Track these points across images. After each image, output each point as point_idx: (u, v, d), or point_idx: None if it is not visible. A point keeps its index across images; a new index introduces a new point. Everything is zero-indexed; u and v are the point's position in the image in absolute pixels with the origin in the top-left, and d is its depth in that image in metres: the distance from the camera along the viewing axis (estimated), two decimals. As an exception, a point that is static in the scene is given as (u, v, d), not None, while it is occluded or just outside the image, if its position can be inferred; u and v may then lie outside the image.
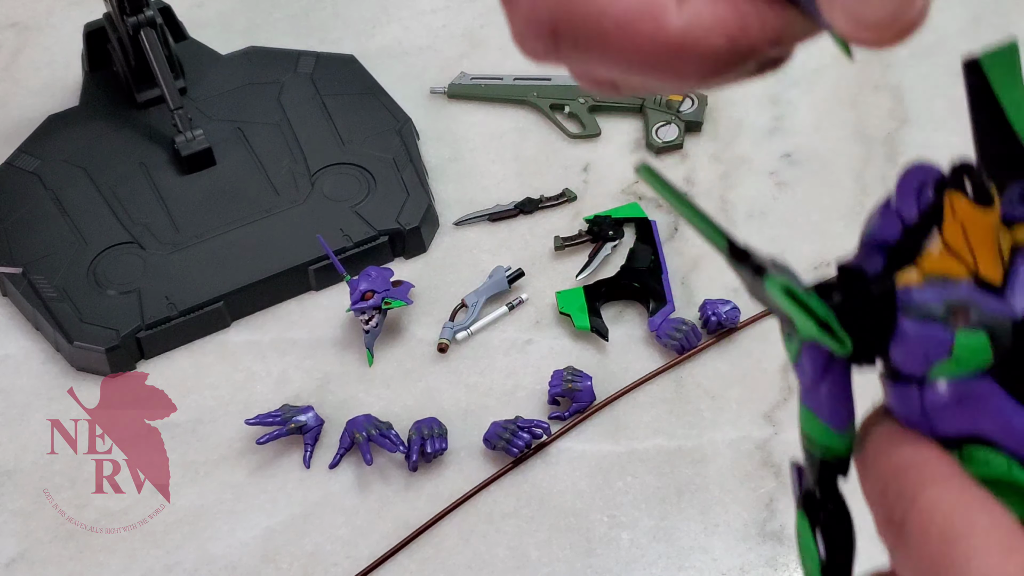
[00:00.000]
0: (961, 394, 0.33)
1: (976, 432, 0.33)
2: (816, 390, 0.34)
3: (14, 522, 0.69)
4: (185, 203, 0.79)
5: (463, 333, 0.74)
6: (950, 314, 0.33)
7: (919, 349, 0.33)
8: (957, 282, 0.33)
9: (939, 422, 0.33)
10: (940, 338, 0.33)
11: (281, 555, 0.67)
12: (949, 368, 0.33)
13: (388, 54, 0.89)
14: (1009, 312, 0.33)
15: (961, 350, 0.32)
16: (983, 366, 0.33)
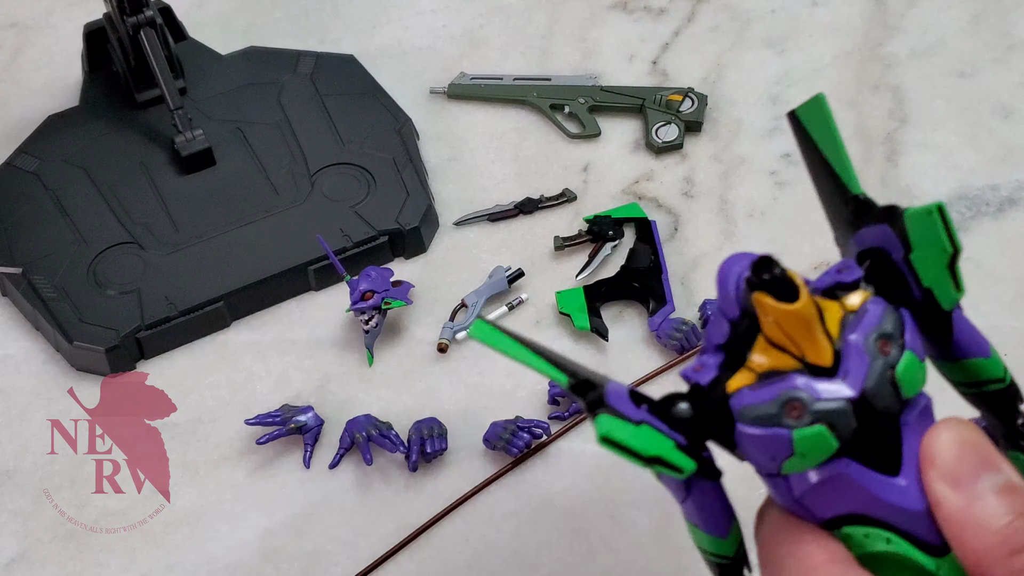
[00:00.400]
0: (823, 479, 0.33)
1: (850, 511, 0.33)
2: (686, 507, 0.34)
3: (14, 522, 0.69)
4: (185, 203, 0.79)
5: (463, 333, 0.74)
6: (783, 412, 0.32)
7: (762, 451, 0.33)
8: (787, 375, 0.33)
9: (813, 508, 0.33)
10: (779, 439, 0.32)
11: (281, 555, 0.67)
12: (798, 463, 0.32)
13: (388, 54, 0.89)
14: (844, 395, 0.33)
15: (802, 446, 0.32)
16: (827, 455, 0.33)
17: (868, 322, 0.33)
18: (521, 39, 0.90)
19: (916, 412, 0.34)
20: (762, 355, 0.33)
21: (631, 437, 0.32)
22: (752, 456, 0.33)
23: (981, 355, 0.37)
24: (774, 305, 0.33)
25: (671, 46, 0.89)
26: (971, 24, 0.88)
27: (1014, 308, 0.74)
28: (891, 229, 0.35)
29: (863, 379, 0.33)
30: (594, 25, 0.90)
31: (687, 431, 0.33)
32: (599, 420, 0.32)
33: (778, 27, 0.89)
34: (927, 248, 0.34)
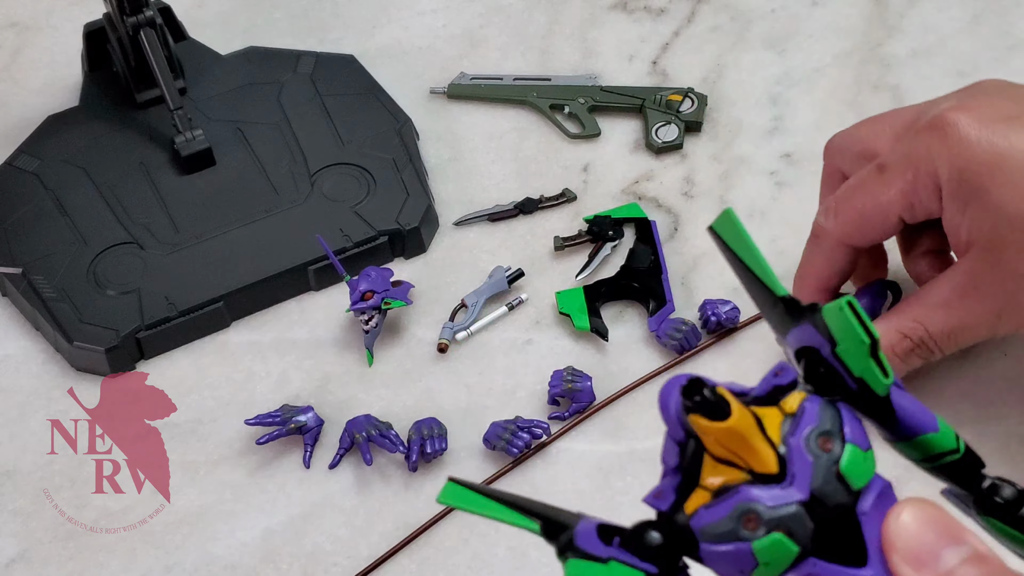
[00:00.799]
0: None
1: None
2: None
3: (14, 522, 0.69)
4: (185, 203, 0.79)
5: (463, 333, 0.74)
6: (740, 524, 0.33)
7: (728, 567, 0.34)
8: (738, 488, 0.34)
9: None
10: (741, 552, 0.33)
11: (281, 555, 0.67)
12: (765, 572, 0.33)
13: (388, 54, 0.89)
14: (794, 499, 0.33)
15: (764, 556, 0.33)
16: (791, 560, 0.33)
17: (806, 422, 0.34)
18: (521, 39, 0.90)
19: (871, 499, 0.34)
20: (712, 473, 0.35)
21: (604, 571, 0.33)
22: (721, 572, 0.34)
23: (929, 430, 0.38)
24: (708, 425, 0.35)
25: (671, 46, 0.89)
26: (971, 24, 0.88)
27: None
28: (814, 327, 0.35)
29: (809, 480, 0.34)
30: (594, 25, 0.90)
31: (659, 558, 0.34)
32: (568, 565, 0.33)
33: (778, 27, 0.89)
34: (849, 341, 0.35)
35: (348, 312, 0.73)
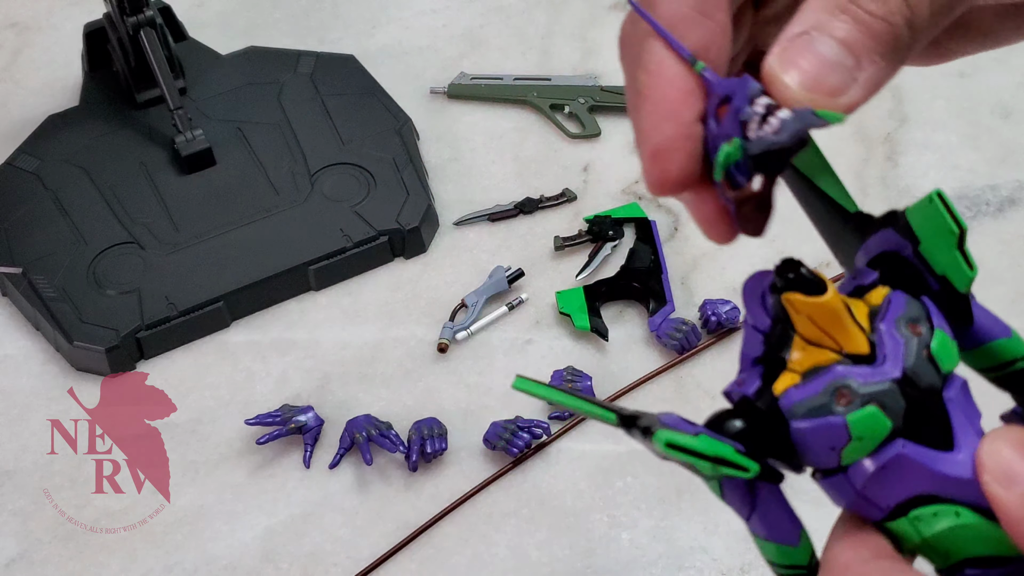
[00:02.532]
0: (882, 464, 0.33)
1: (915, 493, 0.33)
2: (753, 522, 0.35)
3: (14, 522, 0.69)
4: (185, 203, 0.79)
5: (463, 333, 0.74)
6: (834, 400, 0.33)
7: (820, 443, 0.33)
8: (829, 368, 0.34)
9: (877, 499, 0.33)
10: (834, 426, 0.33)
11: (281, 555, 0.67)
12: (856, 449, 0.33)
13: (388, 54, 0.89)
14: (889, 376, 0.33)
15: (857, 429, 0.33)
16: (884, 436, 0.33)
17: (894, 310, 0.34)
18: (521, 39, 0.90)
19: (956, 388, 0.35)
20: (801, 355, 0.34)
21: (695, 441, 0.32)
22: (811, 453, 0.34)
23: (1003, 335, 0.38)
24: (805, 300, 0.34)
25: (671, 46, 0.89)
26: (971, 24, 0.88)
27: (1014, 308, 0.74)
28: (895, 231, 0.35)
29: (902, 359, 0.34)
30: (594, 25, 0.90)
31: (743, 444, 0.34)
32: (658, 434, 0.33)
33: (778, 27, 0.89)
34: (934, 236, 0.35)
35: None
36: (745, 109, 0.34)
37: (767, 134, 0.33)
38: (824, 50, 0.35)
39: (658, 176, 0.35)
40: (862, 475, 0.33)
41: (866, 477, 0.33)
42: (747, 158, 0.34)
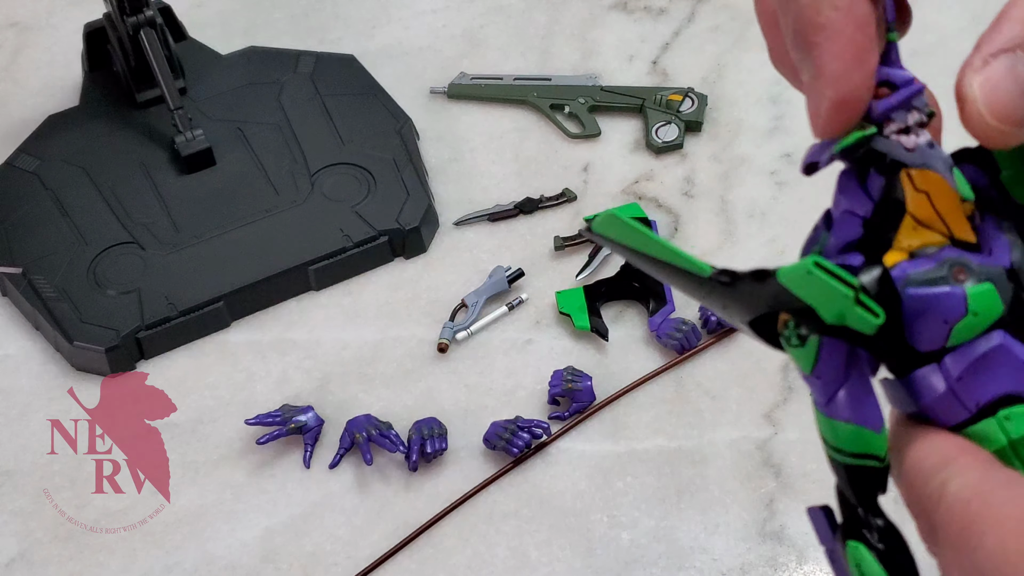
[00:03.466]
0: (983, 353, 0.32)
1: (1006, 392, 0.32)
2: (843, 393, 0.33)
3: (14, 522, 0.69)
4: (185, 203, 0.79)
5: (463, 333, 0.74)
6: (951, 274, 0.32)
7: (936, 315, 0.32)
8: (942, 247, 0.33)
9: (971, 393, 0.32)
10: (954, 296, 0.32)
11: (281, 555, 0.67)
12: (968, 327, 0.32)
13: (388, 54, 0.89)
14: (1000, 262, 0.33)
15: (976, 303, 0.32)
16: (997, 317, 0.32)
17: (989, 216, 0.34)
18: (521, 39, 0.90)
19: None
20: (910, 234, 0.33)
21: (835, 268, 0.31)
22: (922, 326, 0.32)
23: None
24: (929, 175, 0.33)
25: (671, 46, 0.89)
26: (971, 24, 0.88)
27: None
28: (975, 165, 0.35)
29: (1009, 254, 0.33)
30: (594, 25, 0.90)
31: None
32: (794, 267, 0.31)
33: (778, 27, 0.89)
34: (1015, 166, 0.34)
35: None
36: (900, 112, 0.34)
37: (899, 144, 0.33)
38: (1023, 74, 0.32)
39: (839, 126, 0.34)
40: (961, 363, 0.32)
41: (964, 365, 0.32)
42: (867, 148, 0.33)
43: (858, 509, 0.33)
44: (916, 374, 0.33)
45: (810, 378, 0.32)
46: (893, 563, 0.32)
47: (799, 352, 0.32)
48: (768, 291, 0.31)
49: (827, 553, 0.34)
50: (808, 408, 0.76)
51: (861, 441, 0.33)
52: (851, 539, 0.32)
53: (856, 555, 0.32)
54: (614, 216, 0.33)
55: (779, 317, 0.32)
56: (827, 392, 0.33)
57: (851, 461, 0.33)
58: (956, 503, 0.29)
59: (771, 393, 0.71)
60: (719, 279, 0.32)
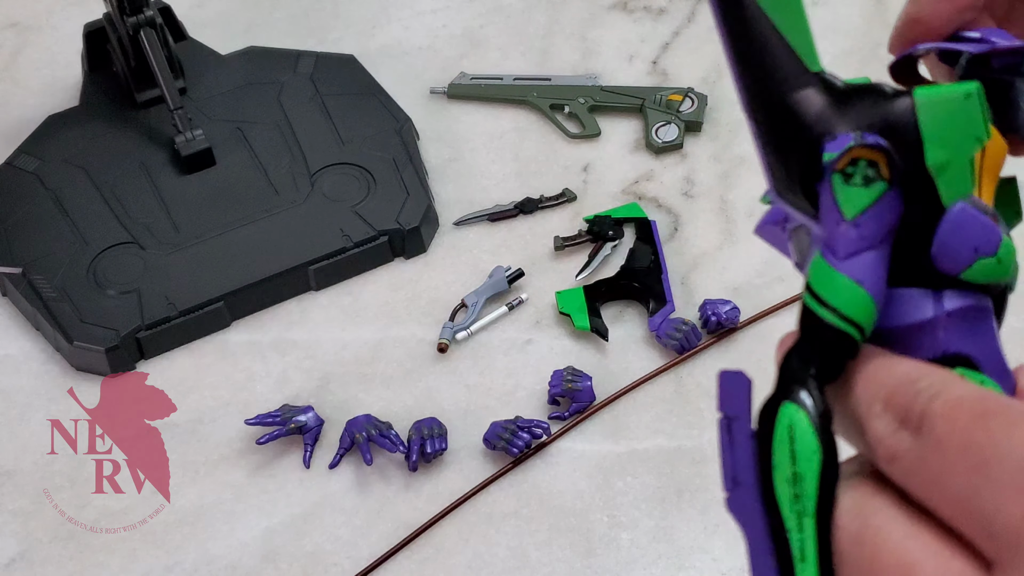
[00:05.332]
0: (974, 303, 0.32)
1: (970, 353, 0.32)
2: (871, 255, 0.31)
3: (14, 522, 0.69)
4: (185, 203, 0.79)
5: (463, 333, 0.74)
6: (992, 217, 0.32)
7: (971, 239, 0.31)
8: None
9: (950, 337, 0.31)
10: (994, 232, 0.31)
11: (281, 555, 0.67)
12: (986, 268, 0.31)
13: (388, 54, 0.89)
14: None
15: (1004, 249, 0.31)
16: (1008, 275, 0.32)
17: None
18: (521, 39, 0.90)
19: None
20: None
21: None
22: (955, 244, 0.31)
23: None
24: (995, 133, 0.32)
25: (671, 46, 0.89)
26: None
27: (1014, 307, 0.74)
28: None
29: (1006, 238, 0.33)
30: (594, 25, 0.90)
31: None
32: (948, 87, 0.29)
33: (778, 27, 0.89)
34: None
35: None
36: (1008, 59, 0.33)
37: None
38: None
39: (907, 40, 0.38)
40: (956, 301, 0.31)
41: (959, 304, 0.31)
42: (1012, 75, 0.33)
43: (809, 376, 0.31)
44: (910, 290, 0.32)
45: (846, 224, 0.30)
46: (827, 436, 0.30)
47: (855, 192, 0.30)
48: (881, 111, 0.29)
49: (722, 421, 0.32)
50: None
51: (860, 306, 0.31)
52: (789, 401, 0.31)
53: (793, 418, 0.30)
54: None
55: (852, 149, 0.30)
56: (855, 246, 0.30)
57: (837, 322, 0.31)
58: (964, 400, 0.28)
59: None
60: (828, 80, 0.30)
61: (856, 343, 0.31)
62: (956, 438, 0.27)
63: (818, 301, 0.31)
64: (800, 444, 0.30)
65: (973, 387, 0.29)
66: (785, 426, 0.31)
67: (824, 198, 0.30)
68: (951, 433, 0.28)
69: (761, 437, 0.31)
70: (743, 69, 0.31)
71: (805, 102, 0.30)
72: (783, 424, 0.31)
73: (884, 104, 0.29)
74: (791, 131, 0.31)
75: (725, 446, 0.32)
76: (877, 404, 0.30)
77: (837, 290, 0.31)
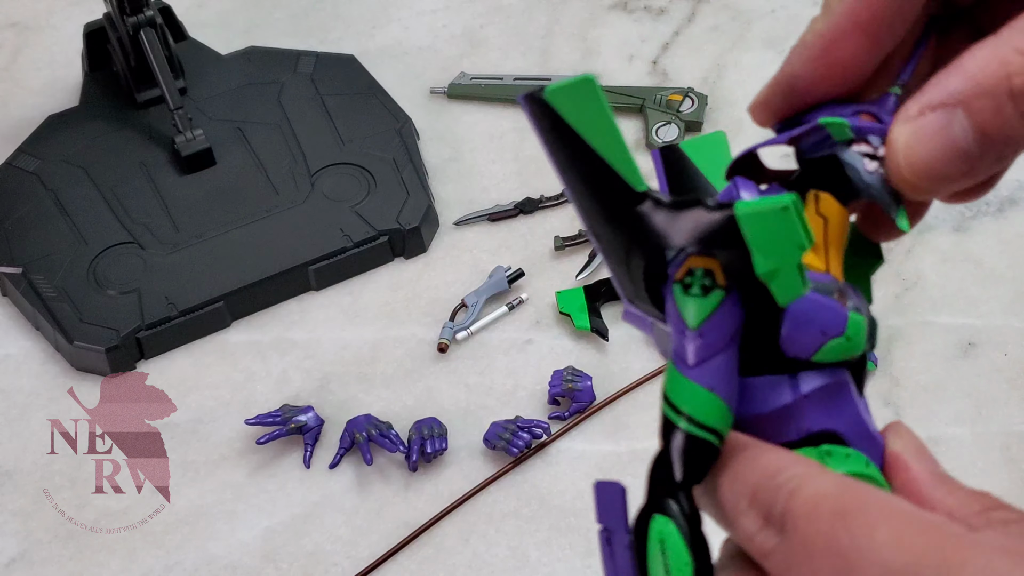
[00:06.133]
0: (831, 382, 0.32)
1: (834, 429, 0.32)
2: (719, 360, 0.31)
3: (14, 522, 0.69)
4: (185, 203, 0.79)
5: (463, 333, 0.74)
6: (837, 295, 0.32)
7: (818, 324, 0.31)
8: (827, 273, 0.32)
9: (808, 416, 0.32)
10: (839, 313, 0.31)
11: (281, 555, 0.67)
12: (836, 348, 0.31)
13: (388, 54, 0.89)
14: (863, 309, 0.33)
15: (852, 328, 0.31)
16: (859, 351, 0.32)
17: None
18: (521, 39, 0.90)
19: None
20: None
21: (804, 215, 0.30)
22: (801, 331, 0.31)
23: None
24: (835, 203, 0.33)
25: (671, 46, 0.89)
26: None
27: (1014, 307, 0.74)
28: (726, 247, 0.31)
29: (865, 309, 0.33)
30: (594, 25, 0.90)
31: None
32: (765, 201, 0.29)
33: (778, 27, 0.89)
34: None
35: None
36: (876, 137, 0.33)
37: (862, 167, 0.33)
38: (958, 135, 0.31)
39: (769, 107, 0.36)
40: (811, 383, 0.32)
41: (814, 386, 0.31)
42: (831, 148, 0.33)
43: (675, 485, 0.31)
44: (766, 378, 0.32)
45: (690, 334, 0.31)
46: (697, 542, 0.30)
47: (695, 302, 0.30)
48: (706, 225, 0.29)
49: (602, 533, 0.32)
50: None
51: (716, 414, 0.31)
52: (659, 514, 0.31)
53: (663, 531, 0.31)
54: (591, 83, 0.30)
55: (688, 259, 0.30)
56: (703, 353, 0.31)
57: (696, 431, 0.31)
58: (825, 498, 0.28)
59: (771, 393, 0.71)
60: (656, 197, 0.30)
61: (714, 447, 0.31)
62: (820, 541, 0.28)
63: (674, 410, 0.32)
64: (672, 557, 0.30)
65: (831, 479, 0.29)
66: (656, 540, 0.31)
67: (669, 307, 0.31)
68: (815, 535, 0.28)
69: (637, 551, 0.31)
70: (576, 195, 0.32)
71: (637, 220, 0.31)
72: (654, 539, 0.31)
73: (710, 217, 0.29)
74: (628, 246, 0.31)
75: (607, 558, 0.32)
76: (743, 500, 0.30)
77: (690, 398, 0.31)
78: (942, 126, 0.30)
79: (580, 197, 0.31)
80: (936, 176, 0.31)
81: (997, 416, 0.69)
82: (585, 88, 0.30)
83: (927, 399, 0.70)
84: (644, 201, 0.30)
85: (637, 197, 0.30)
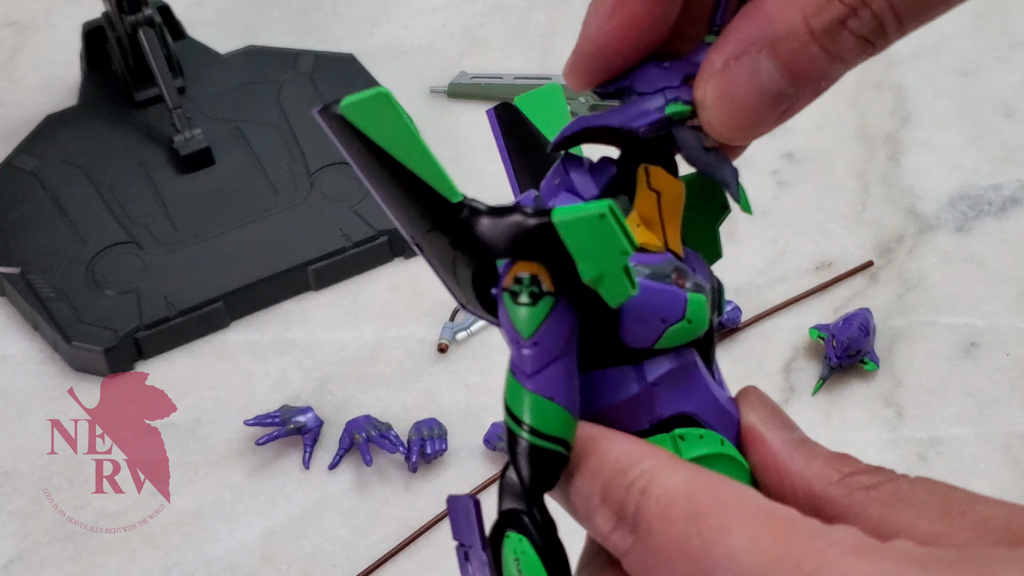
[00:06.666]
0: (678, 366, 0.31)
1: (686, 411, 0.31)
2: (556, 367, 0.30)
3: (13, 523, 0.68)
4: (184, 203, 0.79)
5: (463, 333, 0.74)
6: (673, 275, 0.31)
7: (657, 312, 0.30)
8: (663, 251, 0.31)
9: (658, 403, 0.31)
10: (677, 297, 0.31)
11: (280, 556, 0.67)
12: (679, 332, 0.31)
13: (388, 54, 0.89)
14: (705, 282, 0.32)
15: (692, 310, 0.31)
16: (702, 331, 0.31)
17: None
18: (522, 38, 0.90)
19: None
20: (634, 231, 0.31)
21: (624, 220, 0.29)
22: (638, 321, 0.30)
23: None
24: (666, 176, 0.32)
25: (672, 45, 0.89)
26: (974, 23, 0.88)
27: (1016, 307, 0.74)
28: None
29: (708, 277, 0.32)
30: (594, 24, 0.90)
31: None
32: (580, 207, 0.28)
33: (779, 26, 0.89)
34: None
35: None
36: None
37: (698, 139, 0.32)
38: (767, 80, 0.30)
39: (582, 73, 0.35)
40: (657, 371, 0.31)
41: (660, 373, 0.31)
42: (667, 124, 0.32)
43: (526, 498, 0.30)
44: (610, 371, 0.31)
45: (524, 343, 0.29)
46: (552, 558, 0.30)
47: (524, 311, 0.29)
48: (526, 232, 0.29)
49: (459, 549, 0.32)
50: (809, 409, 0.76)
51: (560, 423, 0.30)
52: (512, 530, 0.30)
53: (518, 548, 0.30)
54: (387, 97, 0.29)
55: (513, 267, 0.29)
56: (539, 363, 0.30)
57: (541, 443, 0.30)
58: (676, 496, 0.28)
59: (772, 393, 0.71)
60: (472, 206, 0.30)
61: (560, 455, 0.30)
62: (673, 546, 0.27)
63: (515, 421, 0.30)
64: (527, 573, 0.30)
65: (681, 473, 0.28)
66: (511, 558, 0.30)
67: (501, 316, 0.30)
68: (667, 539, 0.27)
69: (494, 568, 0.31)
70: (391, 208, 0.31)
71: (458, 229, 0.30)
72: (509, 556, 0.30)
73: (529, 224, 0.29)
74: (452, 256, 0.30)
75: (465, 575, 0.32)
76: (595, 498, 0.29)
77: (531, 409, 0.30)
78: (750, 74, 0.30)
79: (395, 209, 0.31)
80: (755, 123, 0.31)
81: (999, 416, 0.69)
82: (380, 102, 0.30)
83: (929, 399, 0.70)
84: (462, 211, 0.30)
85: (454, 208, 0.30)
